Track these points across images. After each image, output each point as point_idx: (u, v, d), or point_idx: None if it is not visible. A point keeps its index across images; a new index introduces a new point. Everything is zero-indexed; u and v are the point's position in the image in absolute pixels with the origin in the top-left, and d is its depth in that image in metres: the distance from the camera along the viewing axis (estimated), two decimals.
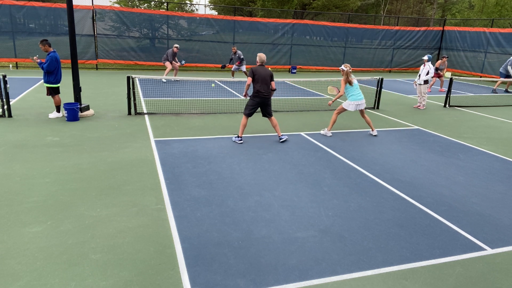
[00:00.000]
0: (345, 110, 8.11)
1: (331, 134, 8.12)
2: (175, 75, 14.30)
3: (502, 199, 5.27)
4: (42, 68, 8.19)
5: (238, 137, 7.34)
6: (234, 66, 15.36)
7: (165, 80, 14.54)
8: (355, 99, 7.94)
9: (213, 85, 9.24)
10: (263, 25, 19.70)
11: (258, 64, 7.26)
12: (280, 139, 7.44)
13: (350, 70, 7.96)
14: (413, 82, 12.38)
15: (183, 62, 14.57)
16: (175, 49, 14.04)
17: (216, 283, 3.29)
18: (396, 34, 21.51)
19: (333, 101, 7.99)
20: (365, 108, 8.33)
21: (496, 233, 4.35)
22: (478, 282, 3.49)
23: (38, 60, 8.23)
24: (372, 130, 8.29)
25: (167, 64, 14.06)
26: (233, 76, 15.78)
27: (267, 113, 7.40)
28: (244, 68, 15.52)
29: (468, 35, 20.93)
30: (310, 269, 3.54)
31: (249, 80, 7.15)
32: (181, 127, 8.19)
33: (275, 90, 7.30)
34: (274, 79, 7.41)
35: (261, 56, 7.28)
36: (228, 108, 10.28)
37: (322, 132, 8.19)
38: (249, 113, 7.30)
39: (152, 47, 18.27)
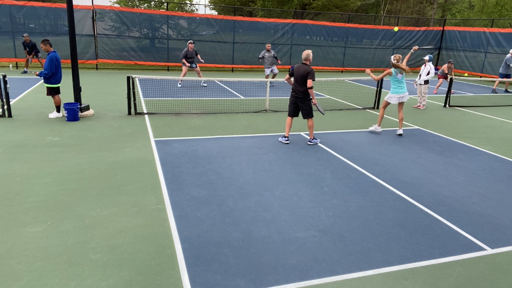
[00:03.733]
0: (389, 103, 8.28)
1: (380, 130, 8.33)
2: (182, 75, 13.30)
3: (502, 199, 5.27)
4: (45, 75, 8.18)
5: (284, 137, 7.43)
6: (268, 70, 13.99)
7: (179, 85, 13.65)
8: (396, 92, 8.09)
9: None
10: (263, 25, 19.69)
11: (302, 62, 7.16)
12: (309, 142, 7.42)
13: (395, 62, 8.02)
14: (414, 82, 12.38)
15: (193, 65, 13.19)
16: (190, 46, 12.89)
17: (216, 283, 3.29)
18: (396, 34, 21.50)
19: (372, 76, 8.19)
20: (366, 108, 8.38)
21: (496, 233, 4.35)
22: (478, 282, 3.49)
23: (38, 72, 8.25)
24: (399, 128, 8.37)
25: (184, 68, 13.05)
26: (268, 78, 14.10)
27: (303, 115, 7.29)
28: (276, 70, 14.26)
29: (468, 35, 20.92)
30: (310, 269, 3.54)
31: (286, 77, 7.32)
32: (181, 127, 8.19)
33: (310, 88, 6.93)
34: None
35: (303, 53, 7.08)
36: (228, 108, 10.28)
37: (371, 128, 8.42)
38: (288, 112, 7.43)
39: (152, 47, 18.27)
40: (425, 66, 11.42)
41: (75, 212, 4.37)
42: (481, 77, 19.75)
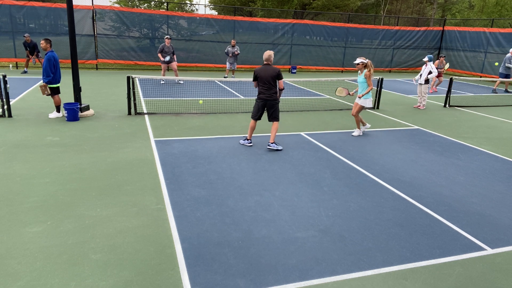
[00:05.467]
0: (364, 107, 8.07)
1: (361, 133, 8.23)
2: (163, 74, 13.48)
3: (502, 199, 5.27)
4: (48, 78, 8.17)
5: (246, 139, 7.14)
6: (228, 64, 15.43)
7: (162, 82, 14.09)
8: (370, 96, 7.98)
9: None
10: (263, 25, 19.70)
11: (264, 63, 6.70)
12: (268, 146, 6.90)
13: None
14: (413, 79, 12.35)
15: (167, 58, 13.18)
16: (166, 41, 13.08)
17: (216, 283, 3.29)
18: (396, 34, 21.50)
19: (363, 95, 7.86)
20: (366, 108, 8.38)
21: (496, 233, 4.35)
22: (478, 282, 3.49)
23: (44, 82, 8.23)
24: (356, 130, 8.24)
25: (163, 66, 13.37)
26: (227, 74, 15.85)
27: (271, 117, 6.90)
28: (235, 66, 15.59)
29: (468, 35, 20.93)
30: (310, 269, 3.54)
31: (254, 84, 6.84)
32: (181, 127, 8.19)
33: (282, 89, 6.86)
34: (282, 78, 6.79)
35: (264, 54, 6.65)
36: (228, 108, 10.28)
37: (355, 133, 8.18)
38: (254, 116, 6.95)
39: (152, 47, 18.26)
40: (425, 66, 11.42)
41: (75, 212, 4.37)
42: (481, 77, 19.75)
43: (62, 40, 15.78)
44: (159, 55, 13.26)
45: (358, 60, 7.78)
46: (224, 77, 15.53)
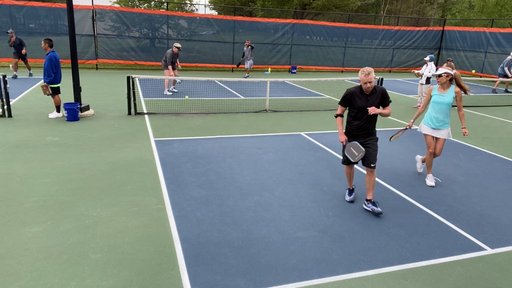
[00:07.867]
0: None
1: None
2: (173, 84, 12.60)
3: (502, 199, 5.27)
4: (49, 78, 8.17)
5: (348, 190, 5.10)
6: (248, 63, 16.46)
7: (170, 93, 12.14)
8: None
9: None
10: (263, 25, 19.70)
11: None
12: (365, 204, 4.72)
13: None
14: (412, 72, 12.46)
15: (178, 81, 11.99)
16: (175, 50, 11.57)
17: (216, 283, 3.29)
18: (396, 34, 21.50)
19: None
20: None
21: (496, 233, 4.35)
22: (478, 282, 3.49)
23: (45, 82, 8.23)
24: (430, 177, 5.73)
25: (166, 72, 11.55)
26: (248, 74, 16.86)
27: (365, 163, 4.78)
28: (248, 64, 16.39)
29: (468, 35, 20.93)
30: (310, 269, 3.54)
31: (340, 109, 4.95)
32: (181, 127, 8.19)
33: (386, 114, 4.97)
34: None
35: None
36: (228, 108, 10.28)
37: (431, 182, 5.59)
38: (344, 160, 4.91)
39: (152, 47, 18.27)
40: (426, 66, 11.42)
41: (75, 212, 4.37)
42: (481, 77, 19.75)
43: (62, 40, 15.75)
44: (170, 67, 11.47)
45: (441, 70, 5.29)
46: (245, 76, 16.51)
